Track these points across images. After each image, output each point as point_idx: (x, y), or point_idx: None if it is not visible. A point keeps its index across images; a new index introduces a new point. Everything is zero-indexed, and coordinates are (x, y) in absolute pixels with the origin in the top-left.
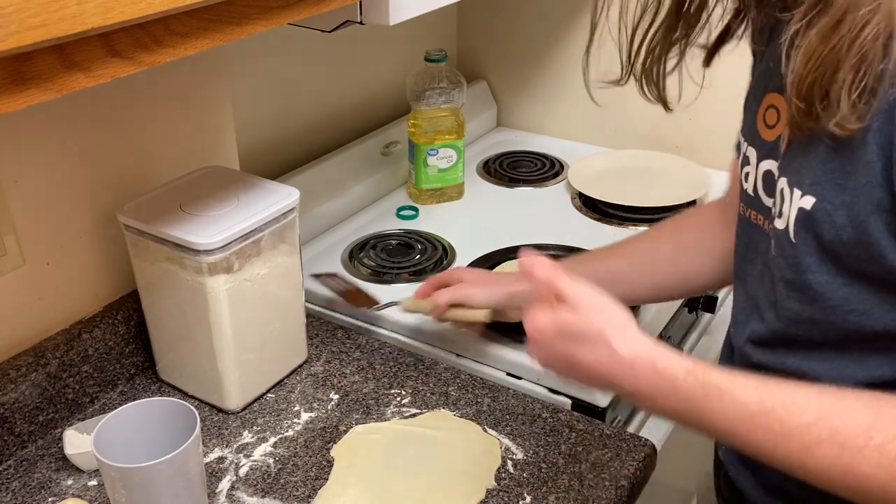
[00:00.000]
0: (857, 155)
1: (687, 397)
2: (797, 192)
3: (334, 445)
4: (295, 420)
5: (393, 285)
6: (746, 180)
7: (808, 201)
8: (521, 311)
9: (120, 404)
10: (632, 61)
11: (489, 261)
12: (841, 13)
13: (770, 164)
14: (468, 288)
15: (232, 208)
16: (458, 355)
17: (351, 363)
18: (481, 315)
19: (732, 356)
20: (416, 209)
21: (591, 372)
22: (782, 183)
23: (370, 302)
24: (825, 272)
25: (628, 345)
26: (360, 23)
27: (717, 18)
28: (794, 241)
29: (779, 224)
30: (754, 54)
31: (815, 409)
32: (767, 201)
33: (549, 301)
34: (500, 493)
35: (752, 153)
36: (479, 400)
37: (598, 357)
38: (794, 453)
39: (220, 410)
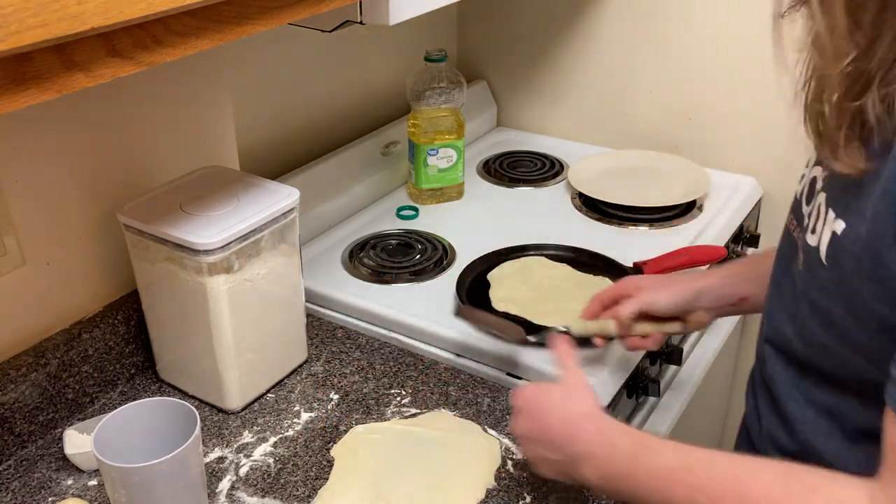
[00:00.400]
0: (877, 184)
1: (624, 454)
2: (832, 214)
3: (334, 445)
4: (295, 420)
5: (393, 285)
6: (799, 183)
7: (840, 226)
8: (710, 312)
9: (120, 404)
10: None
11: (489, 261)
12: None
13: (817, 171)
14: (648, 293)
15: (232, 208)
16: (458, 355)
17: (351, 363)
18: (675, 327)
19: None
20: (416, 209)
21: (558, 433)
22: (821, 198)
23: (519, 332)
24: (842, 306)
25: (583, 406)
26: (360, 23)
27: None
28: (825, 263)
29: (811, 240)
30: None
31: (724, 465)
32: (805, 209)
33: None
34: (500, 493)
35: (812, 157)
36: (479, 400)
37: (561, 416)
38: None
39: (220, 410)
